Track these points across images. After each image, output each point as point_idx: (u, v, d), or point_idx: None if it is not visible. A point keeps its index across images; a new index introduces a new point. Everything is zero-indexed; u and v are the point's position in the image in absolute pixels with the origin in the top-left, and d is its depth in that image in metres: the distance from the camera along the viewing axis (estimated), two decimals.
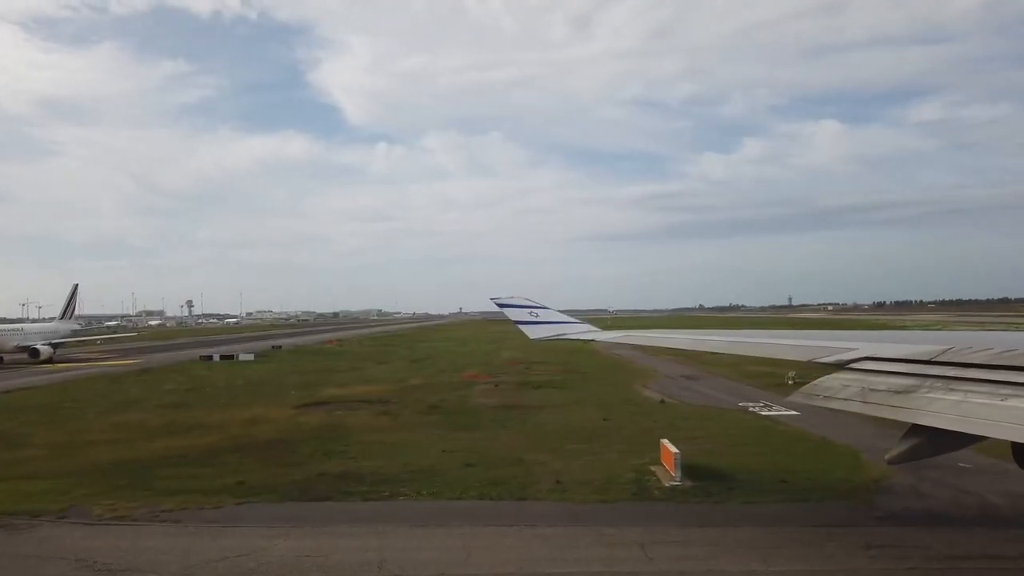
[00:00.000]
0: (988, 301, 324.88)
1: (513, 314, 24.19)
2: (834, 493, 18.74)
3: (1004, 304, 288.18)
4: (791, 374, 39.35)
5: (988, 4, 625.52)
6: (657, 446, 21.75)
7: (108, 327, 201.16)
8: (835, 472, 20.91)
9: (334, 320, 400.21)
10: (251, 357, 69.82)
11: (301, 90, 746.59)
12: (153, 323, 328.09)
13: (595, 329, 23.85)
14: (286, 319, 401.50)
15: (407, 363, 66.85)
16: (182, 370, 60.79)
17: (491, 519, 16.93)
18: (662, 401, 37.06)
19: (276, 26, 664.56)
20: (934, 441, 8.89)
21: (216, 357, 69.30)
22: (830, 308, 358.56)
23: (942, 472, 19.54)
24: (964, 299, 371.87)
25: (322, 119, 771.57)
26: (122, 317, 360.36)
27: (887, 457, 9.53)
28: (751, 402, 36.35)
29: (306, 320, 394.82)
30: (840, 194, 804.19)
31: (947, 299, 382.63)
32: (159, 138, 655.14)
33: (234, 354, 71.03)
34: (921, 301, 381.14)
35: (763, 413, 32.81)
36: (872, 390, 9.41)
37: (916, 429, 8.92)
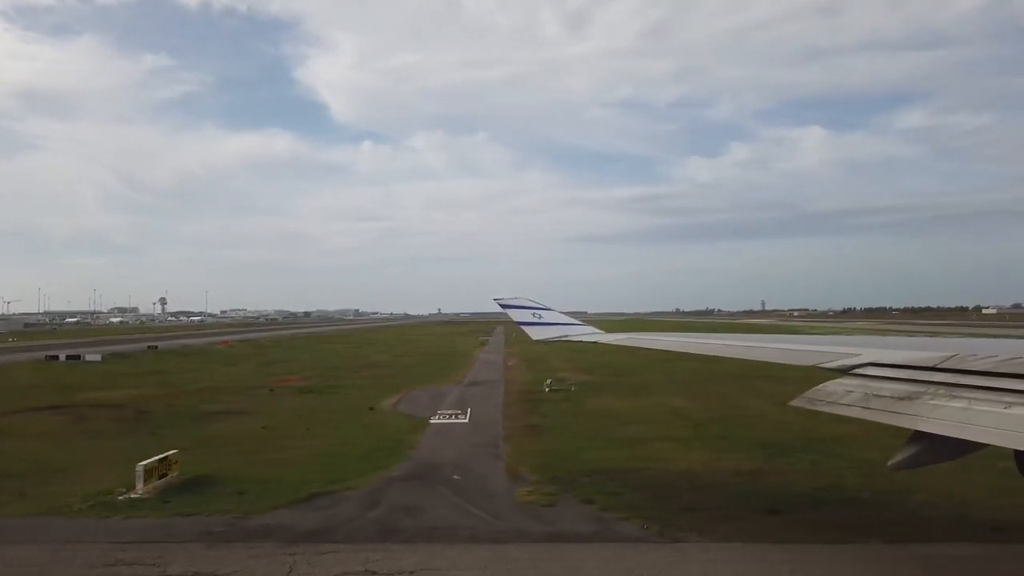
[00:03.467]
0: (947, 309, 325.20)
1: (516, 315, 23.64)
2: None
3: (959, 312, 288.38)
4: (548, 381, 40.88)
5: (985, 8, 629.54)
6: None
7: (66, 323, 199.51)
8: None
9: (303, 320, 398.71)
10: (98, 358, 67.29)
11: (287, 87, 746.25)
12: (114, 320, 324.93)
13: (598, 331, 23.11)
14: (255, 318, 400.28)
15: (259, 366, 65.06)
16: None
17: None
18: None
19: (265, 19, 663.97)
20: (937, 448, 8.74)
21: (62, 357, 66.88)
22: (795, 314, 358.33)
23: None
24: (934, 307, 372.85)
25: (308, 117, 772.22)
26: (91, 314, 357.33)
27: (891, 463, 9.22)
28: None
29: (275, 319, 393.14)
30: (823, 199, 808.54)
31: (918, 306, 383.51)
32: (141, 134, 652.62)
33: (80, 355, 68.55)
34: (891, 308, 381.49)
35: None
36: (875, 396, 9.38)
37: (919, 435, 8.79)
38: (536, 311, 23.46)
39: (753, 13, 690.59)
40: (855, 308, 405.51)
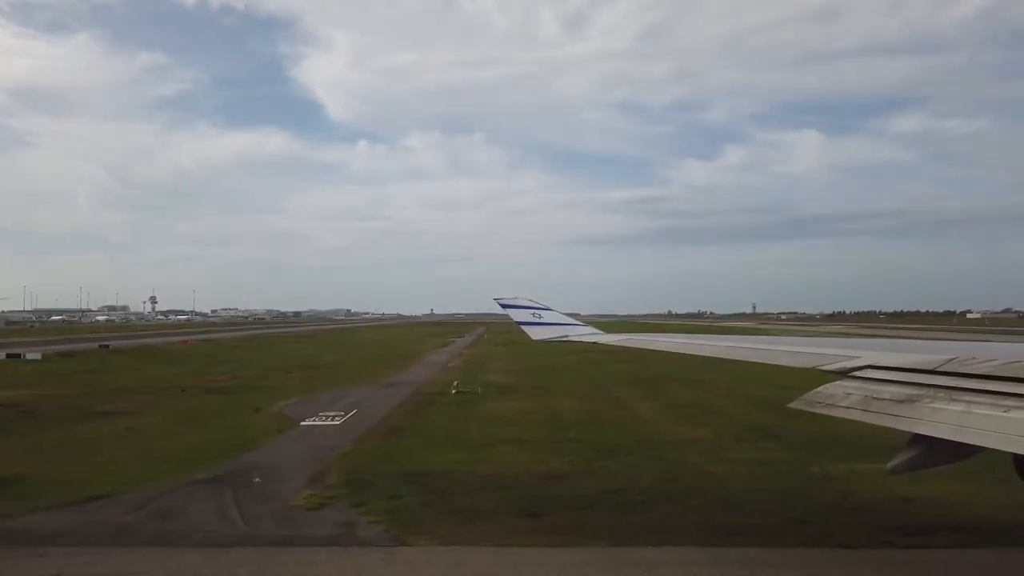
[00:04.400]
0: (935, 314, 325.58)
1: (516, 314, 23.64)
2: None
3: (945, 317, 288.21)
4: (455, 383, 41.23)
5: (983, 13, 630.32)
6: None
7: (51, 321, 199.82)
8: None
9: (292, 320, 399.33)
10: (38, 356, 67.42)
11: (282, 85, 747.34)
12: (100, 318, 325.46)
13: (598, 332, 23.15)
14: (244, 317, 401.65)
15: (199, 367, 65.13)
16: None
17: None
18: None
19: (262, 17, 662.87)
20: (936, 451, 8.72)
21: (2, 355, 66.91)
22: (783, 317, 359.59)
23: None
24: (923, 311, 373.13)
25: (303, 116, 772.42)
26: (80, 312, 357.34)
27: (889, 466, 9.22)
28: None
29: (263, 319, 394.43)
30: (818, 203, 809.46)
31: (908, 310, 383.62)
32: (136, 131, 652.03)
33: (21, 353, 68.56)
34: (879, 312, 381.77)
35: None
36: (874, 399, 9.29)
37: (918, 439, 8.76)
38: (536, 311, 23.52)
39: (751, 17, 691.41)
40: (845, 311, 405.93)
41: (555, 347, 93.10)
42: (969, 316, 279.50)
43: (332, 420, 31.52)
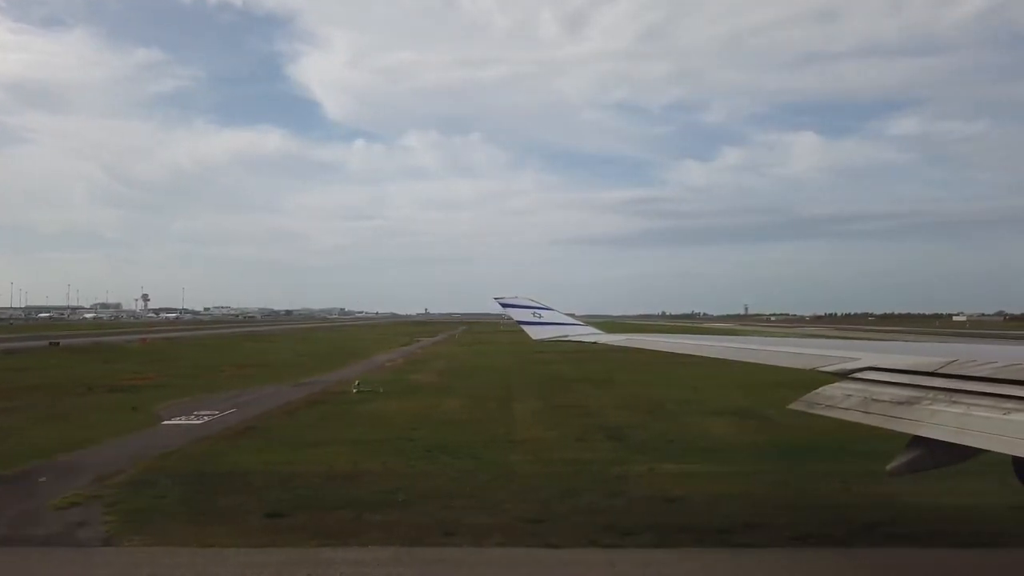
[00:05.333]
0: (924, 316, 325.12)
1: (516, 314, 23.67)
2: None
3: (934, 319, 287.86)
4: (356, 383, 41.27)
5: (982, 15, 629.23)
6: None
7: (37, 318, 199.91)
8: None
9: (282, 318, 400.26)
10: None
11: (280, 83, 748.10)
12: (88, 316, 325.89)
13: (598, 332, 23.14)
14: (235, 315, 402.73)
15: (138, 364, 65.15)
16: None
17: None
18: None
19: (260, 14, 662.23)
20: (935, 453, 8.66)
21: None
22: (773, 319, 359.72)
23: None
24: (915, 313, 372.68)
25: (300, 114, 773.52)
26: (69, 309, 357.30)
27: (888, 468, 9.13)
28: None
29: (253, 317, 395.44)
30: (814, 204, 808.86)
31: (900, 312, 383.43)
32: (132, 128, 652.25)
33: None
34: (868, 314, 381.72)
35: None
36: (874, 400, 9.30)
37: (918, 441, 8.71)
38: (536, 311, 23.46)
39: (750, 17, 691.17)
40: (836, 313, 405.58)
41: (508, 348, 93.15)
42: (955, 319, 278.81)
43: (197, 420, 31.36)
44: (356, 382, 43.93)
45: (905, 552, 14.33)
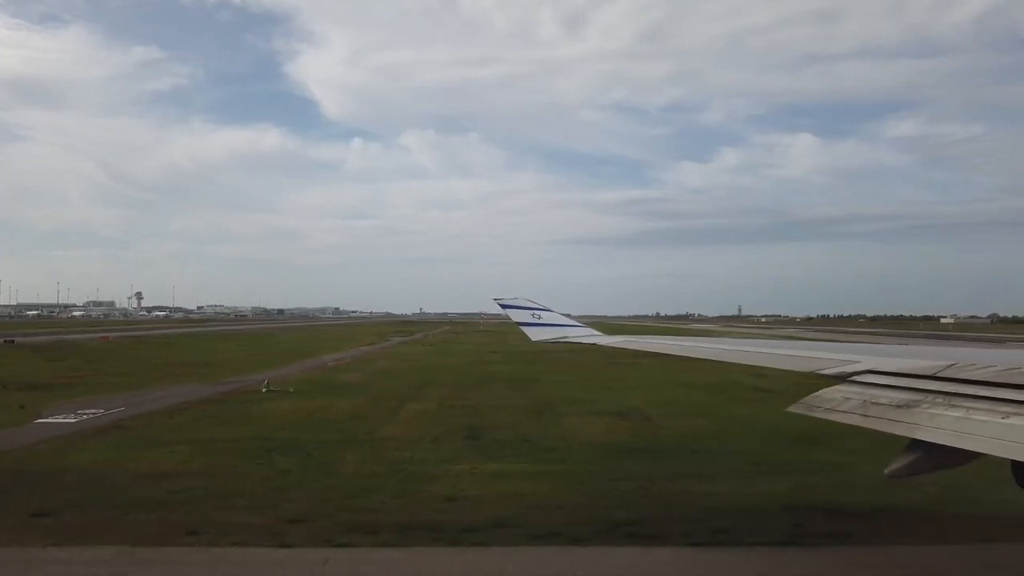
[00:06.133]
0: (914, 318, 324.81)
1: (515, 315, 23.54)
2: None
3: (923, 322, 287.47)
4: (266, 382, 41.11)
5: (981, 17, 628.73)
6: None
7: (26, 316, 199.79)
8: None
9: (274, 317, 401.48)
10: None
11: (277, 82, 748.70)
12: (77, 314, 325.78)
13: (597, 333, 23.14)
14: (227, 314, 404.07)
15: (84, 363, 64.93)
16: None
17: None
18: None
19: (258, 13, 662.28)
20: (933, 457, 8.79)
21: None
22: (763, 320, 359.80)
23: None
24: (907, 315, 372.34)
25: (298, 113, 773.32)
26: (60, 307, 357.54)
27: (887, 471, 9.24)
28: None
29: (244, 315, 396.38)
30: (811, 206, 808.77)
31: (893, 315, 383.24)
32: (129, 126, 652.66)
33: None
34: (861, 316, 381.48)
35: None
36: (873, 403, 9.35)
37: (916, 444, 8.78)
38: (536, 312, 23.42)
39: (750, 18, 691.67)
40: (829, 315, 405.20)
41: (469, 348, 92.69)
42: (942, 321, 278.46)
43: (73, 418, 31.01)
44: (266, 381, 43.62)
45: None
